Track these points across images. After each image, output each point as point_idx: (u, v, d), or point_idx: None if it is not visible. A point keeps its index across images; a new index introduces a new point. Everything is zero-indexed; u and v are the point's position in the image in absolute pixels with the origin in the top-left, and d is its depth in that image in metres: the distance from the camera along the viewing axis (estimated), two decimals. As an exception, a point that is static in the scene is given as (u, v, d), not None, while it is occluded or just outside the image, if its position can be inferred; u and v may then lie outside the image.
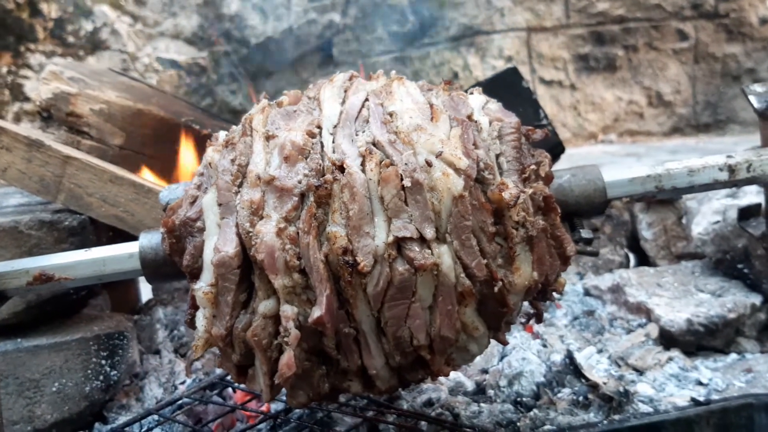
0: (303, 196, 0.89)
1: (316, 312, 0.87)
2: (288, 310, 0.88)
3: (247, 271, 0.91)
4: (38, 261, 1.05)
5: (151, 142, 1.62)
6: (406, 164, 0.88)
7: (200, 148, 1.63)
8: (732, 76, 3.89)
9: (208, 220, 0.93)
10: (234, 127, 1.02)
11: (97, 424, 1.36)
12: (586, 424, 1.14)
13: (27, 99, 3.86)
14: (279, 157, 0.92)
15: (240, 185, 0.93)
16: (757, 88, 1.15)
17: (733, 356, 1.45)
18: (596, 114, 4.05)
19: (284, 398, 1.26)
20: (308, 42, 4.03)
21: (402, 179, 0.87)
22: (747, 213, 1.24)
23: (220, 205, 0.92)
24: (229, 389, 1.33)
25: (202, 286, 0.91)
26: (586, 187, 1.04)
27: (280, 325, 0.89)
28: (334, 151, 0.91)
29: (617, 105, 4.01)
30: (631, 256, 1.94)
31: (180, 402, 1.29)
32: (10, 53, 3.85)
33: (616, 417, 1.17)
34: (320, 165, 0.90)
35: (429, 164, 0.88)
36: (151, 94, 1.81)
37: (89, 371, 1.34)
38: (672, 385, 1.34)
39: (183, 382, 1.44)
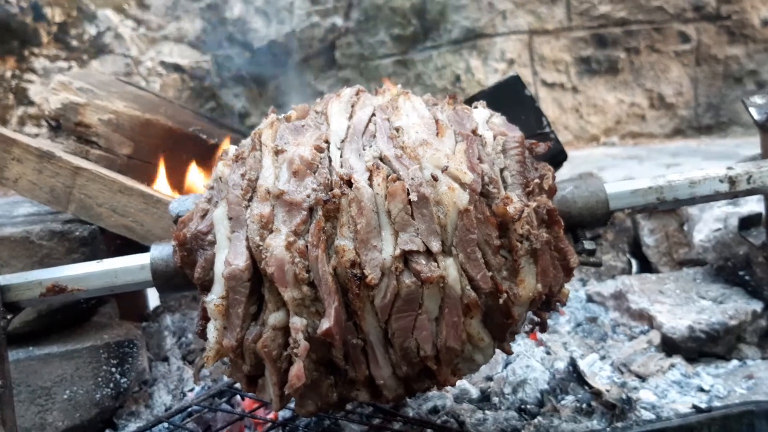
0: (311, 210, 0.91)
1: (325, 324, 0.89)
2: (297, 322, 0.90)
3: (257, 284, 0.93)
4: (51, 272, 1.07)
5: (158, 151, 1.64)
6: (412, 179, 0.90)
7: (207, 158, 1.66)
8: (734, 77, 3.90)
9: (219, 233, 0.94)
10: (243, 141, 1.04)
11: (107, 431, 1.38)
12: (589, 431, 1.16)
13: (31, 103, 3.89)
14: (288, 172, 0.94)
15: (250, 199, 0.94)
16: (757, 99, 1.17)
17: (735, 363, 1.47)
18: (598, 116, 4.06)
19: (292, 406, 1.28)
20: (311, 45, 4.05)
21: (408, 194, 0.89)
22: (748, 222, 1.26)
23: (230, 218, 0.94)
24: (238, 397, 1.35)
25: (213, 298, 0.93)
26: (589, 199, 1.05)
27: (290, 337, 0.91)
28: (341, 166, 0.93)
29: (619, 107, 4.03)
30: (634, 263, 1.96)
31: (189, 409, 1.31)
32: (14, 57, 3.87)
33: (619, 424, 1.19)
34: (328, 179, 0.92)
35: (435, 179, 0.90)
36: (159, 103, 1.83)
37: (99, 379, 1.37)
38: (674, 391, 1.35)
39: (191, 389, 1.46)
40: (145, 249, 1.08)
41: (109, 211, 1.37)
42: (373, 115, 1.01)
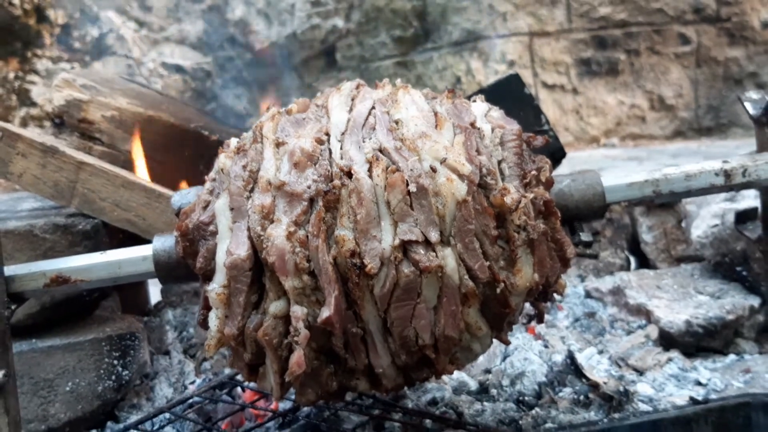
0: (312, 200, 0.92)
1: (325, 312, 0.90)
2: (298, 311, 0.91)
3: (258, 273, 0.94)
4: (55, 263, 1.09)
5: (161, 148, 1.66)
6: (411, 170, 0.91)
7: (209, 154, 1.67)
8: (734, 79, 3.90)
9: (221, 224, 0.96)
10: (245, 134, 1.05)
11: (109, 423, 1.39)
12: (586, 422, 1.17)
13: (33, 104, 3.91)
14: (289, 163, 0.95)
15: (251, 190, 0.96)
16: (753, 95, 1.19)
17: (732, 357, 1.48)
18: (598, 118, 4.07)
19: (293, 397, 1.29)
20: (312, 47, 4.07)
21: (408, 185, 0.90)
22: (744, 216, 1.27)
23: (232, 209, 0.95)
24: (239, 388, 1.36)
25: (215, 287, 0.95)
26: (586, 191, 1.07)
27: (290, 325, 0.92)
28: (341, 158, 0.95)
29: (619, 109, 4.04)
30: (632, 259, 1.97)
31: (191, 401, 1.32)
32: (17, 59, 3.89)
33: (616, 415, 1.20)
34: (328, 171, 0.94)
35: (434, 170, 0.91)
36: (161, 100, 1.85)
37: (102, 371, 1.38)
38: (671, 385, 1.36)
39: (193, 382, 1.47)
40: (147, 243, 1.09)
41: (111, 206, 1.38)
42: (373, 108, 1.03)
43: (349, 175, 0.92)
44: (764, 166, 1.09)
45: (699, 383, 1.37)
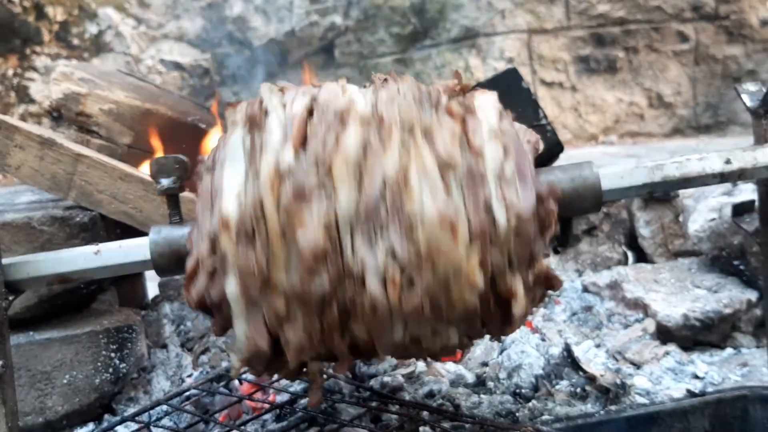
0: (325, 301, 0.89)
1: (339, 369, 0.97)
2: (314, 367, 0.99)
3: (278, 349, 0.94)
4: (53, 256, 1.08)
5: (158, 141, 1.66)
6: (427, 285, 0.87)
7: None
8: (733, 77, 3.90)
9: (235, 307, 0.91)
10: (243, 206, 0.89)
11: (106, 416, 1.39)
12: (583, 414, 1.17)
13: (32, 101, 3.91)
14: (299, 262, 0.88)
15: (264, 284, 0.89)
16: (750, 86, 1.19)
17: (729, 351, 1.48)
18: (597, 115, 4.07)
19: (290, 389, 1.30)
20: (310, 44, 4.07)
21: (422, 303, 0.87)
22: (741, 209, 1.27)
23: (245, 298, 0.90)
24: (236, 381, 1.36)
25: (237, 351, 0.94)
26: (585, 187, 1.05)
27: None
28: (353, 253, 0.88)
29: (618, 106, 4.04)
30: (629, 254, 1.97)
31: (188, 393, 1.32)
32: (16, 56, 3.89)
33: (613, 407, 1.20)
34: (341, 272, 0.88)
35: (447, 282, 0.88)
36: (159, 94, 1.85)
37: (99, 364, 1.38)
38: (668, 378, 1.37)
39: (190, 375, 1.47)
40: (144, 235, 1.09)
41: (109, 198, 1.38)
42: (384, 184, 0.89)
43: (362, 281, 0.87)
44: (761, 158, 1.09)
45: (696, 376, 1.37)
